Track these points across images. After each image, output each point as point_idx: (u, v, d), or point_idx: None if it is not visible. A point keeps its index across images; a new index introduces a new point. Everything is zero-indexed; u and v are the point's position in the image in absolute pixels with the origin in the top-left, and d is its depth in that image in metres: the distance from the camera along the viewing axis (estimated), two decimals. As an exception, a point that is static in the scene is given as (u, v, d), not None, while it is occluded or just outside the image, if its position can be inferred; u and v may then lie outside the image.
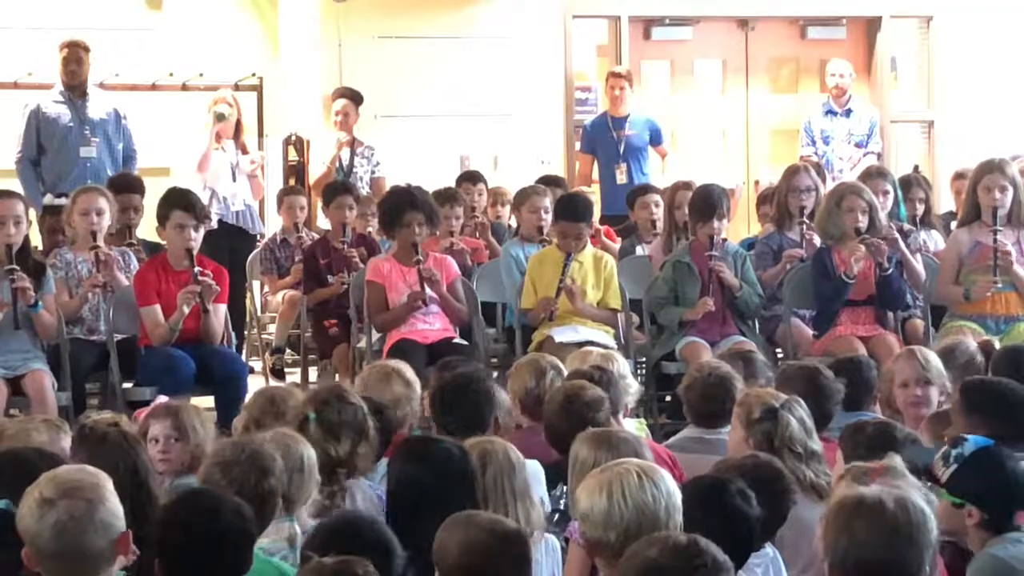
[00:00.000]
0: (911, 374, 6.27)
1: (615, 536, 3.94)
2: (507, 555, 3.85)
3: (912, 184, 10.25)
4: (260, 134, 12.57)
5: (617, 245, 10.47)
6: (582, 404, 5.61)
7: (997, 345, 7.29)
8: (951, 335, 7.59)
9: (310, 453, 4.70)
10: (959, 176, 11.04)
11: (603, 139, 12.40)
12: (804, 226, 9.31)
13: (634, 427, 6.18)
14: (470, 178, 11.15)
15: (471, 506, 4.52)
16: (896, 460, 4.44)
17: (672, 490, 4.05)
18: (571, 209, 9.04)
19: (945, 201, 12.28)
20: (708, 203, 8.90)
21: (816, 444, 5.25)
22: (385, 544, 4.02)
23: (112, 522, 3.77)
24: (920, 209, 10.18)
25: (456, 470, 4.62)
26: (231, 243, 10.83)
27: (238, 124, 11.33)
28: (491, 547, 3.83)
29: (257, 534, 4.10)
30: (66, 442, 4.99)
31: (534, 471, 5.15)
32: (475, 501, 4.59)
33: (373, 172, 11.80)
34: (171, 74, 12.53)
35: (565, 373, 6.34)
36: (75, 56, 10.62)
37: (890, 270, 8.67)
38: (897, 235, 9.12)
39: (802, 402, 5.35)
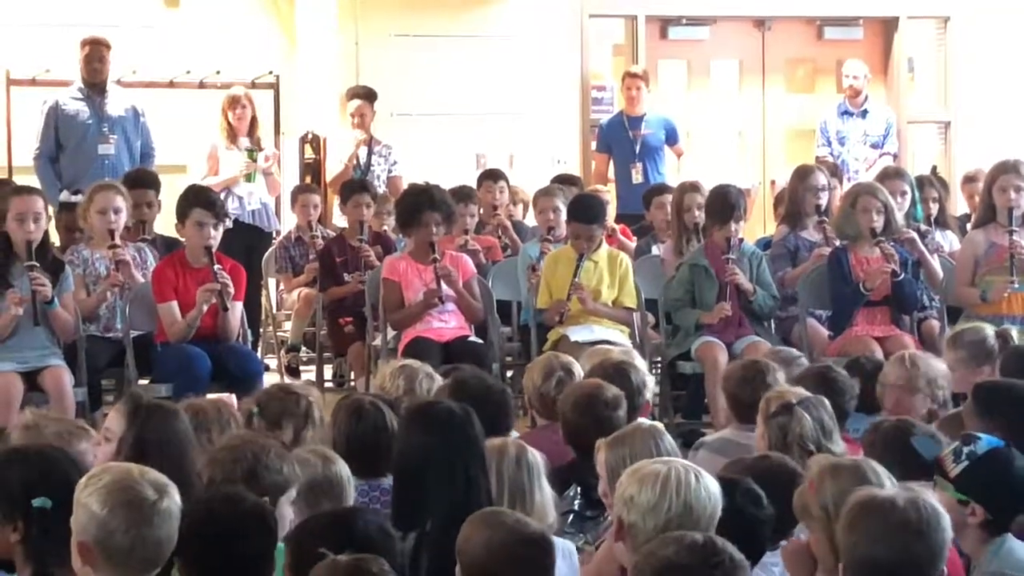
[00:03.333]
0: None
1: (653, 526, 3.96)
2: (530, 558, 3.85)
3: (926, 184, 10.24)
4: (276, 132, 12.59)
5: (633, 245, 10.48)
6: (600, 403, 5.64)
7: (1015, 334, 7.29)
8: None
9: (343, 471, 4.70)
10: (969, 179, 11.06)
11: (619, 138, 12.41)
12: (823, 224, 9.32)
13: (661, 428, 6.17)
14: (491, 176, 11.14)
15: (478, 468, 4.55)
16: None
17: (719, 497, 4.07)
18: (583, 210, 9.05)
19: (962, 202, 12.27)
20: (725, 205, 8.90)
21: (836, 445, 5.24)
22: (384, 536, 4.02)
23: (178, 524, 3.82)
24: (934, 209, 10.18)
25: (458, 428, 4.62)
26: (247, 241, 10.84)
27: (253, 120, 11.34)
28: (514, 549, 3.83)
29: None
30: (85, 445, 5.01)
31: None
32: (482, 462, 4.60)
33: (390, 171, 11.82)
34: (188, 72, 12.56)
35: (576, 373, 6.35)
36: (98, 54, 10.64)
37: (902, 276, 8.67)
38: (914, 235, 9.14)
39: (826, 403, 5.35)
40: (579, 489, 5.24)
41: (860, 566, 3.72)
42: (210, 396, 6.16)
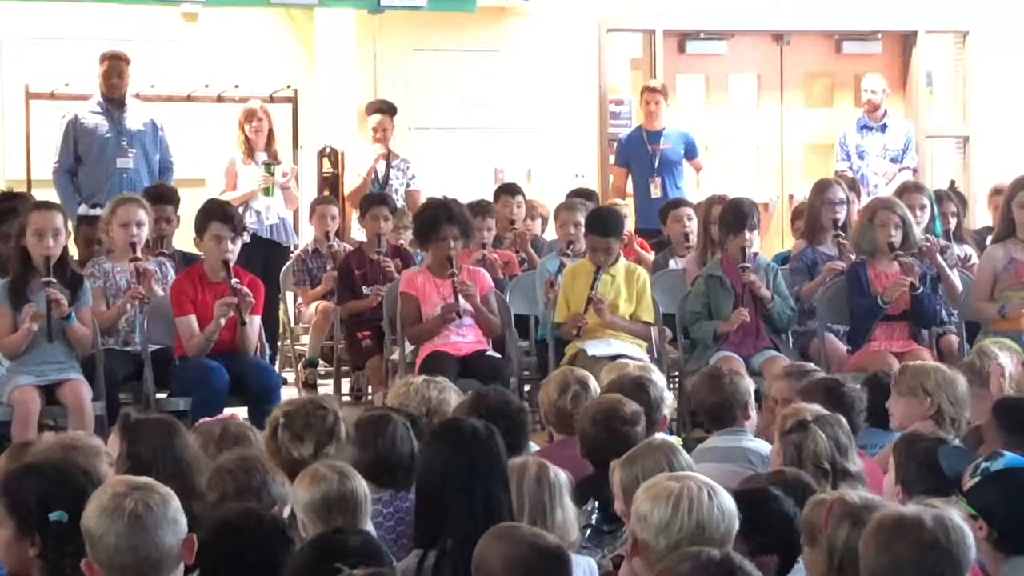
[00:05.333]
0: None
1: (665, 544, 3.95)
2: (546, 570, 3.85)
3: (944, 199, 10.21)
4: (295, 146, 12.61)
5: (651, 257, 10.48)
6: (618, 418, 5.63)
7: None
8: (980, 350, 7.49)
9: (360, 488, 4.69)
10: (997, 192, 11.00)
11: (638, 153, 12.40)
12: (839, 239, 9.31)
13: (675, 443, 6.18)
14: (508, 191, 11.17)
15: (499, 486, 4.55)
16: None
17: (734, 513, 4.05)
18: (600, 224, 9.05)
19: (981, 216, 12.24)
20: (738, 215, 8.91)
21: (853, 464, 5.20)
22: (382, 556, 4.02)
23: (180, 520, 3.77)
24: (952, 224, 10.15)
25: (481, 446, 4.62)
26: (265, 255, 10.86)
27: (270, 134, 11.37)
28: (531, 562, 3.83)
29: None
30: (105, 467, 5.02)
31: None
32: (504, 480, 4.60)
33: (408, 185, 11.84)
34: (207, 85, 12.58)
35: (592, 387, 6.35)
36: (117, 69, 10.67)
37: (920, 289, 8.65)
38: (934, 244, 9.12)
39: (842, 421, 5.33)
40: (597, 504, 5.23)
41: None
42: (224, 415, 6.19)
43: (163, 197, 9.68)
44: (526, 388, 9.40)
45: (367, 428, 5.30)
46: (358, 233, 11.35)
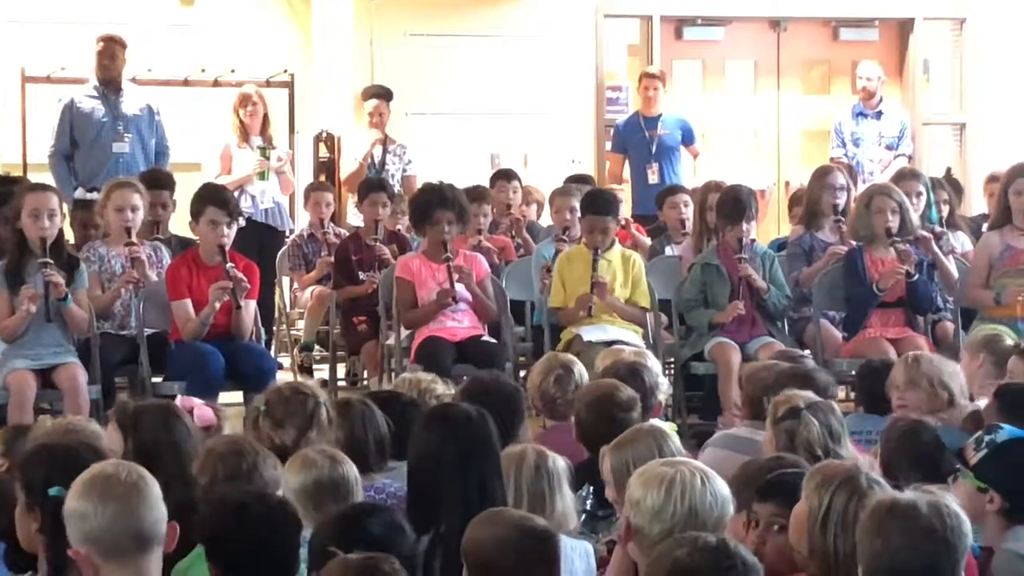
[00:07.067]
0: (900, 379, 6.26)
1: (659, 530, 3.96)
2: (535, 553, 3.85)
3: (936, 186, 10.21)
4: (291, 131, 12.60)
5: (648, 242, 10.48)
6: (614, 404, 5.63)
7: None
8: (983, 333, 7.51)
9: (351, 472, 4.69)
10: (993, 179, 11.02)
11: (635, 139, 12.40)
12: (839, 224, 9.31)
13: (666, 428, 6.18)
14: (504, 176, 11.15)
15: (492, 471, 4.55)
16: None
17: (728, 498, 4.06)
18: (596, 203, 9.06)
19: (977, 203, 12.25)
20: (737, 205, 8.90)
21: (845, 451, 5.21)
22: (397, 532, 4.04)
23: (162, 503, 3.75)
24: (945, 211, 10.16)
25: (473, 431, 4.62)
26: (260, 240, 10.83)
27: (265, 118, 11.35)
28: (520, 544, 3.83)
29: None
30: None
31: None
32: (497, 465, 4.60)
33: (405, 170, 11.83)
34: (203, 70, 12.56)
35: (576, 371, 6.36)
36: (109, 51, 10.63)
37: (916, 276, 8.66)
38: (929, 235, 9.13)
39: (835, 408, 5.34)
40: (592, 489, 5.24)
41: (882, 572, 3.69)
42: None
43: (159, 182, 9.66)
44: (522, 374, 9.40)
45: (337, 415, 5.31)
46: (355, 218, 11.34)
